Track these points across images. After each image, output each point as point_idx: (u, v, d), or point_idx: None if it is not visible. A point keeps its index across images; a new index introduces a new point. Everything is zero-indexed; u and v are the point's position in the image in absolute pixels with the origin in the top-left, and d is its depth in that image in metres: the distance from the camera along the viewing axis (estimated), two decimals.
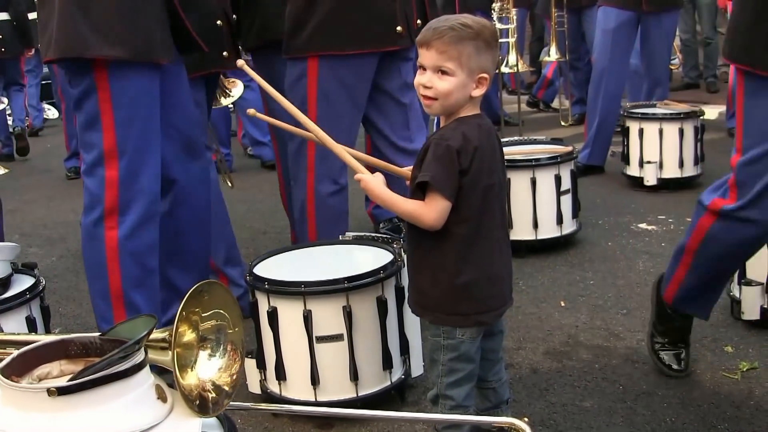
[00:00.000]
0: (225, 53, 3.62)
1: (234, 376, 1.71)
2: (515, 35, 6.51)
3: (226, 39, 3.64)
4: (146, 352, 1.61)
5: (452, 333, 2.21)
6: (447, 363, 2.23)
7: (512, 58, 6.64)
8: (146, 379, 1.59)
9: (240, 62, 2.66)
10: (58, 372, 1.65)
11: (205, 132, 3.58)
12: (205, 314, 1.68)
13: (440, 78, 2.14)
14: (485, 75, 2.14)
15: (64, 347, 1.68)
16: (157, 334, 1.63)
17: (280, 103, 2.51)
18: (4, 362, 1.59)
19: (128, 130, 2.80)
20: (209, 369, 1.69)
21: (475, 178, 2.13)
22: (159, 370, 1.73)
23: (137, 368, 1.56)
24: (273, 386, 2.84)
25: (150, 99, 2.83)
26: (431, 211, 2.13)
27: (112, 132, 2.79)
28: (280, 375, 2.78)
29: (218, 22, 3.59)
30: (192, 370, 1.65)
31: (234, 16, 3.75)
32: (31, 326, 2.90)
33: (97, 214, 2.83)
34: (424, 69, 2.16)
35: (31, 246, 4.93)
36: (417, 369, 2.93)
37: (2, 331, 2.71)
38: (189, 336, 1.67)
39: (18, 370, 1.60)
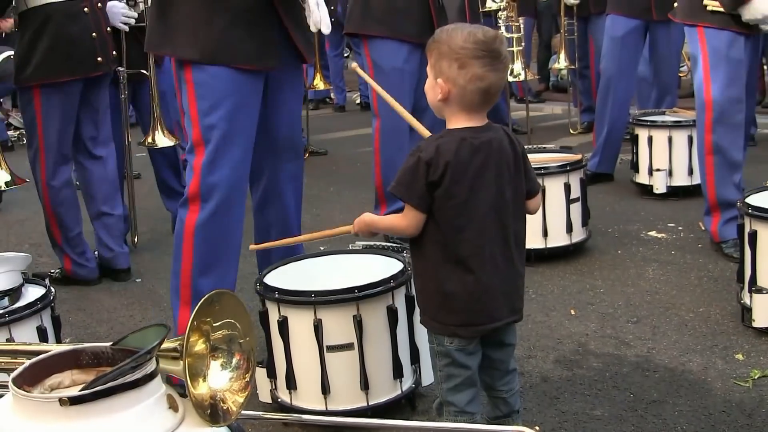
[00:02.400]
0: None
1: (245, 386, 1.72)
2: (522, 44, 6.49)
3: None
4: (158, 362, 1.62)
5: (441, 340, 2.23)
6: (443, 369, 2.24)
7: (517, 66, 6.61)
8: (158, 388, 1.60)
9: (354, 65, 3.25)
10: (70, 382, 1.66)
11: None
12: (217, 324, 1.69)
13: None
14: (441, 81, 2.15)
15: (75, 357, 1.69)
16: (168, 344, 1.64)
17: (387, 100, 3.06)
18: (16, 372, 1.60)
19: (209, 123, 2.97)
20: (220, 378, 1.69)
21: (449, 191, 2.13)
22: (170, 380, 1.74)
23: (149, 378, 1.56)
24: (283, 395, 2.84)
25: (233, 96, 2.98)
26: (403, 219, 2.19)
27: (197, 122, 2.99)
28: (291, 384, 2.78)
29: None
30: (203, 380, 1.66)
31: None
32: (42, 336, 2.91)
33: (185, 196, 3.04)
34: None
35: (41, 256, 4.94)
36: (427, 378, 2.92)
37: (14, 341, 2.72)
38: (200, 346, 1.67)
39: (30, 379, 1.61)
